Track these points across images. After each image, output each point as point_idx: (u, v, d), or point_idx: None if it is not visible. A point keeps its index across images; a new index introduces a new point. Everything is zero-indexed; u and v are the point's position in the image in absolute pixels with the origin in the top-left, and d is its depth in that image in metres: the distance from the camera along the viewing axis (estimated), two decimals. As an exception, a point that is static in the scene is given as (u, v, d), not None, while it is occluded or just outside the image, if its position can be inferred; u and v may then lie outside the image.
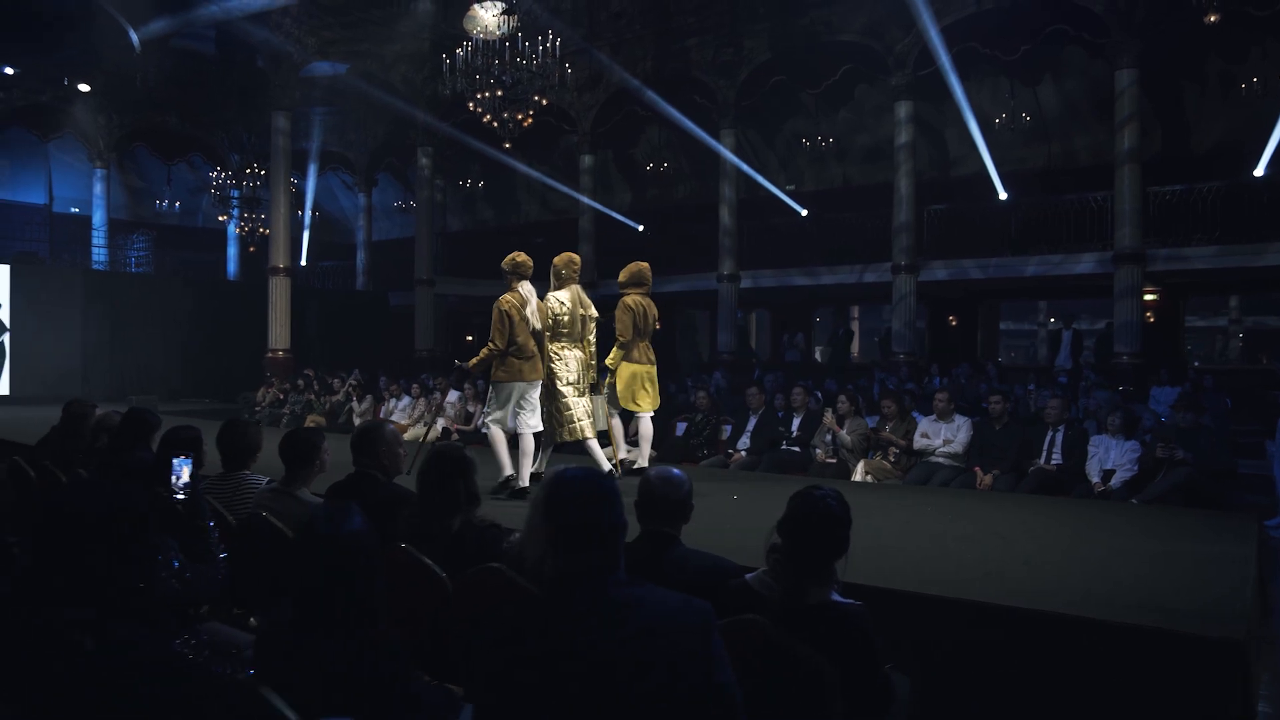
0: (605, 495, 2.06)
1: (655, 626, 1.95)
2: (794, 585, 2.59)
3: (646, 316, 7.21)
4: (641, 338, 7.20)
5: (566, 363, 6.82)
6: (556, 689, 1.94)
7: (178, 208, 24.77)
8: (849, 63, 16.79)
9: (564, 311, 6.82)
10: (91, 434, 5.45)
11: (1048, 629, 3.51)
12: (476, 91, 13.84)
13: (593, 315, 7.04)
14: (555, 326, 6.83)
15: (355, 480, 3.80)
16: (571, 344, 6.88)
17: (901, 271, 16.08)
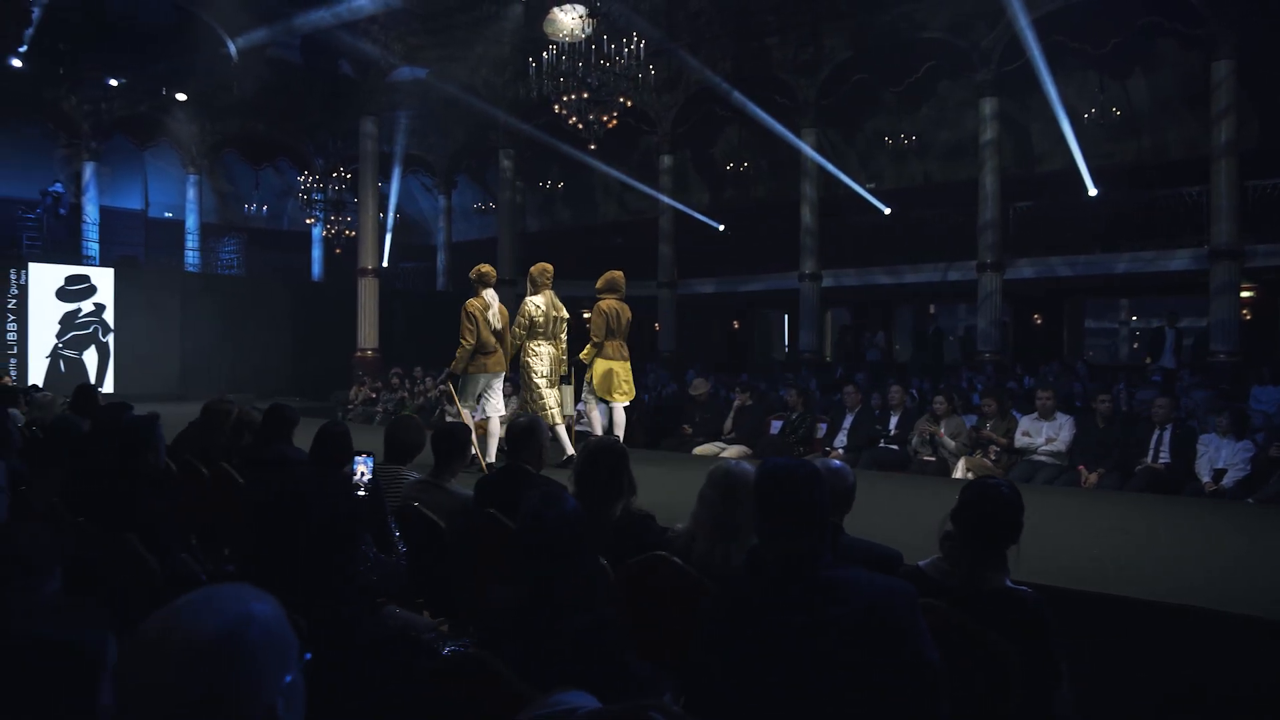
0: (815, 484, 2.17)
1: (866, 606, 2.05)
2: (970, 571, 2.67)
3: (619, 319, 8.14)
4: (614, 337, 8.10)
5: (541, 358, 7.81)
6: (773, 668, 2.05)
7: (265, 211, 25.53)
8: (932, 59, 16.63)
9: (539, 314, 7.79)
10: (233, 430, 5.69)
11: (1194, 624, 3.53)
12: (562, 94, 14.04)
13: (564, 317, 8.07)
14: (531, 326, 7.78)
15: (508, 473, 3.96)
16: (546, 341, 7.85)
17: (987, 269, 15.89)
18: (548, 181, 25.00)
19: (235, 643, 1.09)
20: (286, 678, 1.13)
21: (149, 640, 1.08)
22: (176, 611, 1.11)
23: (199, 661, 1.08)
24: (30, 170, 20.93)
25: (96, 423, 4.67)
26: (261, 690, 1.11)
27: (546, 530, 2.21)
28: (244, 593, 1.16)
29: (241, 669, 1.10)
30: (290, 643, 1.16)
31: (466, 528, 3.77)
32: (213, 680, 1.07)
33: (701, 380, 10.97)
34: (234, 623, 1.10)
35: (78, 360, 17.80)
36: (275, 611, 1.16)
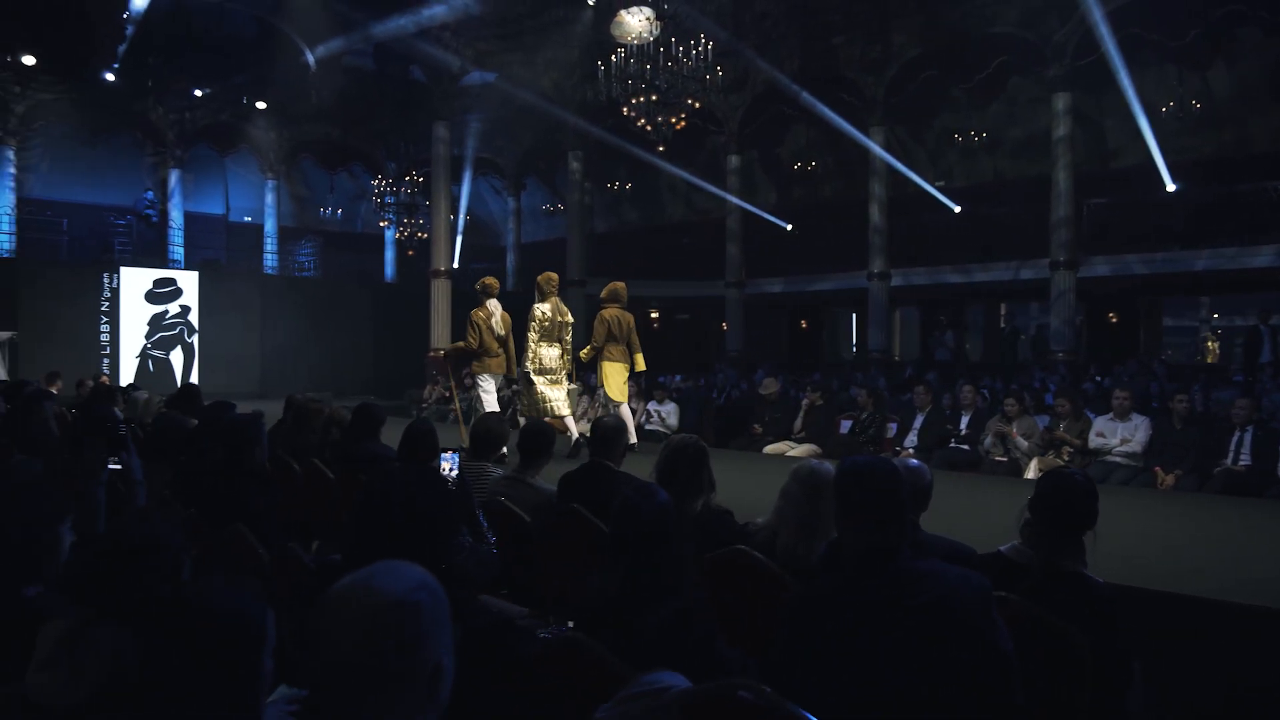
0: (895, 480, 2.28)
1: (944, 596, 2.15)
2: (1047, 556, 2.76)
3: (621, 325, 8.92)
4: (616, 342, 8.89)
5: (545, 359, 8.61)
6: (853, 657, 2.17)
7: (339, 214, 26.19)
8: (1003, 55, 16.46)
9: (545, 318, 8.60)
10: (323, 428, 5.95)
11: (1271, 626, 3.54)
12: (631, 97, 14.19)
13: (569, 321, 8.89)
14: (541, 329, 8.60)
15: (590, 469, 4.12)
16: (550, 343, 8.67)
17: (1060, 267, 15.66)
18: (615, 183, 25.22)
19: (415, 604, 1.29)
20: (443, 642, 1.31)
21: (346, 599, 1.27)
22: (367, 577, 1.30)
23: (389, 617, 1.29)
24: (120, 179, 21.81)
25: (202, 421, 4.95)
26: (434, 645, 1.29)
27: (641, 520, 2.35)
28: (415, 568, 1.34)
29: (420, 625, 1.32)
30: (447, 613, 1.34)
31: (550, 522, 3.93)
32: (398, 633, 1.27)
33: (771, 380, 11.03)
34: (414, 588, 1.30)
35: (165, 360, 18.53)
36: (438, 584, 1.34)
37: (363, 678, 1.29)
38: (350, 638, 1.28)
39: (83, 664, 1.66)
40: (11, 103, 18.38)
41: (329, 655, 1.29)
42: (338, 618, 1.30)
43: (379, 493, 2.62)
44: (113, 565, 1.81)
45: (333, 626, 1.30)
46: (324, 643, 1.30)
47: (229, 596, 1.44)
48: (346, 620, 1.30)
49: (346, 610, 1.30)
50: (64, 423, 8.07)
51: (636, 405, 11.70)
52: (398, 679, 1.31)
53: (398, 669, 1.30)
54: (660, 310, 25.93)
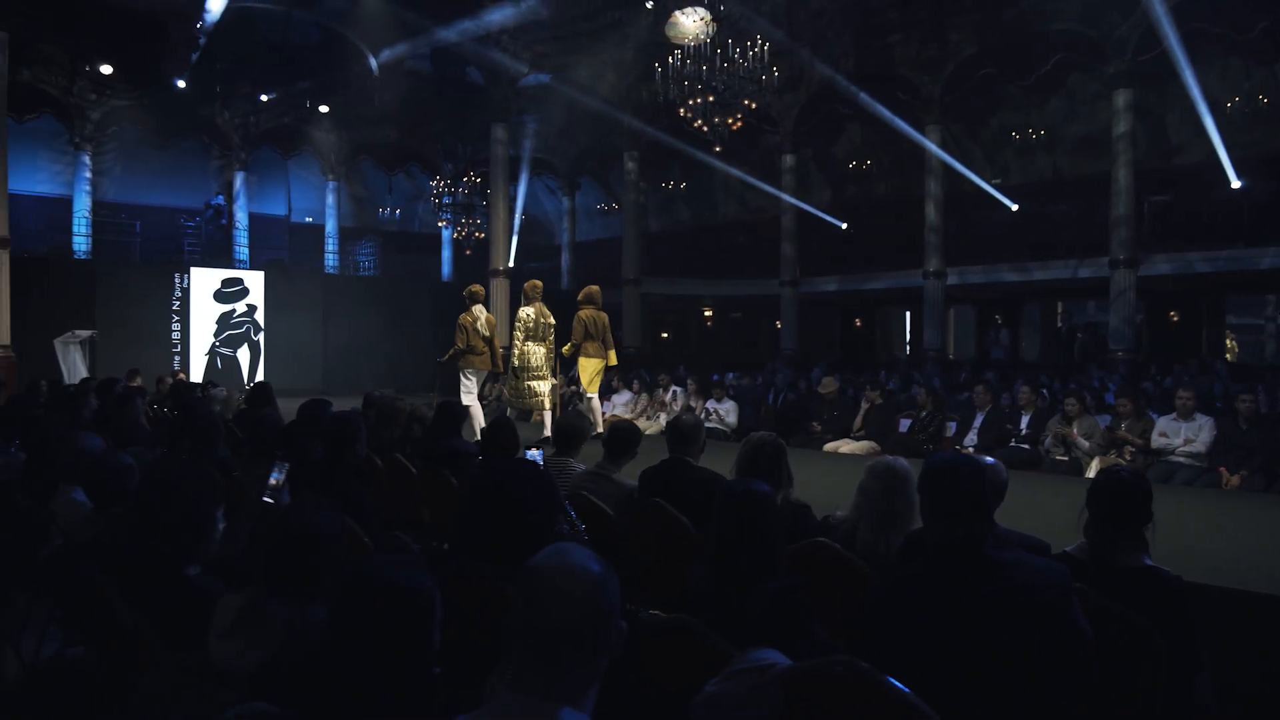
0: (980, 475, 2.43)
1: (1025, 584, 2.30)
2: (1105, 550, 2.90)
3: (596, 324, 10.09)
4: (592, 339, 10.03)
5: (530, 356, 9.63)
6: (940, 641, 2.32)
7: (397, 215, 26.70)
8: (1062, 52, 16.35)
9: (530, 320, 9.62)
10: (405, 424, 6.20)
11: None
12: (688, 98, 14.34)
13: (551, 323, 9.81)
14: (526, 330, 9.63)
15: (671, 465, 4.30)
16: (536, 343, 9.67)
17: (1120, 266, 15.51)
18: (669, 182, 25.39)
19: (607, 578, 1.49)
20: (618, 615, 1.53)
21: (550, 576, 1.49)
22: (561, 553, 1.52)
23: (589, 587, 1.53)
24: (189, 181, 22.49)
25: (301, 417, 5.21)
26: (617, 616, 1.50)
27: (744, 508, 2.53)
28: (588, 551, 1.56)
29: (610, 595, 1.53)
30: (619, 590, 1.55)
31: (633, 514, 4.12)
32: (596, 601, 1.47)
33: (830, 379, 11.14)
34: (602, 566, 1.50)
35: (232, 358, 19.07)
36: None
37: (565, 644, 1.51)
38: (575, 608, 1.51)
39: (259, 635, 1.88)
40: (88, 110, 19.05)
41: (537, 624, 1.51)
42: (563, 589, 1.52)
43: (491, 484, 2.82)
44: (289, 548, 2.03)
45: (539, 600, 1.52)
46: (530, 615, 1.52)
47: (404, 573, 1.65)
48: (552, 591, 1.51)
49: (551, 585, 1.52)
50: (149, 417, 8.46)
51: (696, 403, 11.87)
52: (593, 645, 1.53)
53: (593, 636, 1.52)
54: (713, 308, 26.07)
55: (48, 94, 18.41)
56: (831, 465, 8.88)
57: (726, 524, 2.56)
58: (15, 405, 8.37)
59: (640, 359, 19.76)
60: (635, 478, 4.46)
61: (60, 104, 18.73)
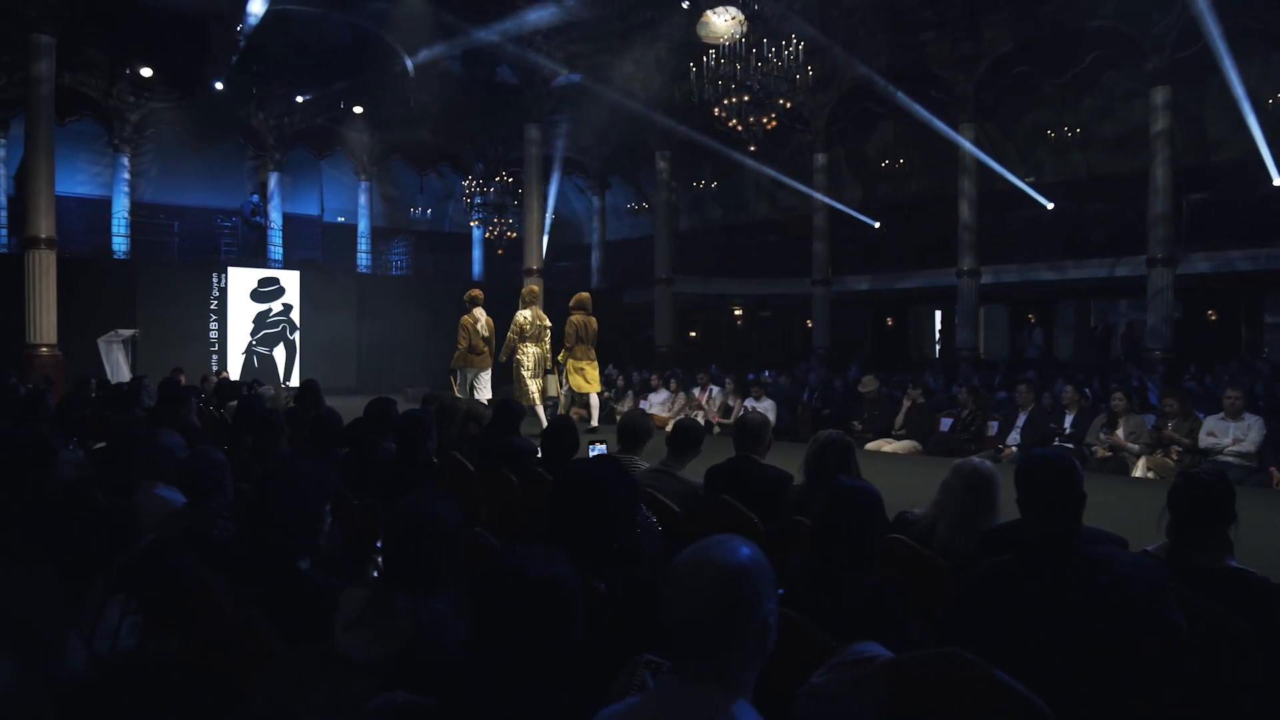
0: (1073, 472, 2.46)
1: (1120, 578, 2.32)
2: (1183, 550, 2.92)
3: (586, 329, 11.17)
4: (583, 343, 11.13)
5: (527, 356, 10.80)
6: (1033, 635, 2.35)
7: (429, 214, 26.87)
8: (1098, 49, 16.22)
9: (526, 323, 10.82)
10: (461, 422, 6.27)
11: None
12: (723, 98, 14.35)
13: (547, 325, 10.99)
14: (521, 333, 10.78)
15: (737, 463, 4.35)
16: (532, 344, 10.82)
17: (1158, 264, 15.39)
18: (701, 181, 25.41)
19: (749, 568, 1.54)
20: (771, 603, 1.56)
21: (697, 567, 1.54)
22: (706, 548, 1.58)
23: (731, 578, 1.57)
24: (224, 182, 22.74)
25: (369, 415, 5.29)
26: (764, 606, 1.54)
27: (852, 505, 2.57)
28: (739, 540, 1.60)
29: (754, 586, 1.57)
30: (773, 578, 1.59)
31: (699, 511, 4.17)
32: (738, 592, 1.53)
33: (870, 378, 11.14)
34: (748, 555, 1.55)
35: (268, 356, 19.28)
36: (762, 554, 1.59)
37: (712, 633, 1.56)
38: (703, 600, 1.56)
39: (388, 626, 1.94)
40: (127, 112, 19.29)
41: (684, 615, 1.57)
42: (691, 583, 1.58)
43: (574, 479, 2.89)
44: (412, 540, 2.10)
45: (687, 590, 1.58)
46: (679, 605, 1.58)
47: (548, 565, 1.70)
48: (699, 585, 1.58)
49: (699, 576, 1.59)
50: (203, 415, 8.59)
51: (734, 402, 11.91)
52: (740, 634, 1.57)
53: (741, 626, 1.57)
54: (743, 307, 26.06)
55: (88, 97, 18.67)
56: (874, 465, 8.88)
57: (829, 519, 2.60)
58: (70, 404, 8.54)
59: (671, 358, 19.80)
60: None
61: (100, 106, 18.99)
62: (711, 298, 24.01)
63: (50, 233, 14.27)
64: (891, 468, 8.73)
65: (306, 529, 2.46)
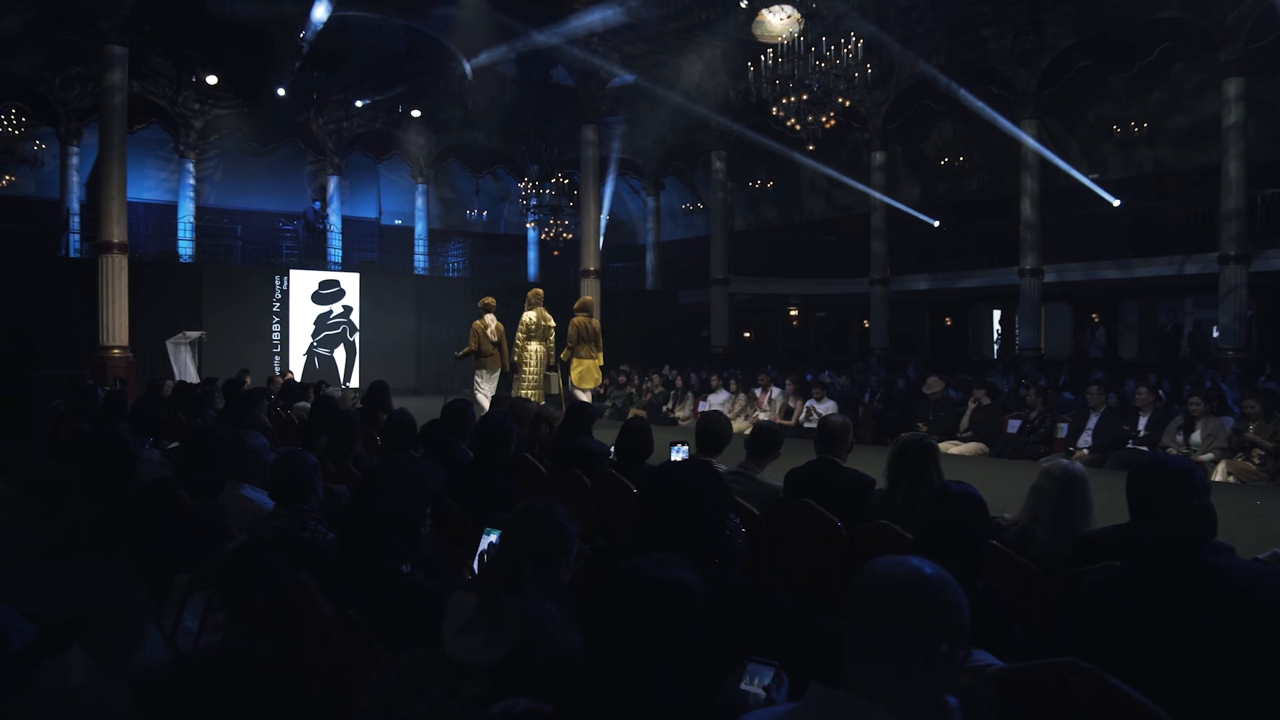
0: (1190, 477, 2.38)
1: (1248, 587, 2.24)
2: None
3: (588, 330, 11.95)
4: (585, 343, 11.86)
5: (530, 354, 11.63)
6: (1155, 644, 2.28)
7: (484, 216, 27.07)
8: (1167, 41, 15.82)
9: (531, 323, 11.66)
10: (532, 424, 6.30)
11: None
12: (781, 97, 14.25)
13: (551, 325, 11.79)
14: (527, 332, 11.60)
15: (818, 466, 4.30)
16: (536, 342, 11.63)
17: (1231, 262, 14.97)
18: (756, 181, 25.29)
19: (941, 586, 1.57)
20: (962, 638, 1.59)
21: (895, 582, 1.55)
22: (901, 561, 1.58)
23: (927, 589, 1.57)
24: (284, 186, 23.15)
25: (446, 417, 5.33)
26: (955, 636, 1.56)
27: (954, 509, 2.52)
28: (917, 560, 1.59)
29: (949, 610, 1.57)
30: (966, 613, 1.60)
31: (780, 513, 4.13)
32: (931, 612, 1.54)
33: (935, 378, 10.99)
34: (938, 573, 1.58)
35: (329, 358, 19.56)
36: (950, 574, 1.61)
37: (895, 645, 1.53)
38: (897, 616, 1.53)
39: (500, 630, 1.94)
40: (192, 119, 19.71)
41: (877, 630, 1.54)
42: (887, 598, 1.55)
43: (669, 481, 2.86)
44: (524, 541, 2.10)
45: (882, 606, 1.55)
46: (873, 619, 1.55)
47: (673, 570, 1.68)
48: (894, 601, 1.55)
49: (894, 592, 1.55)
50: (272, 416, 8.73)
51: (794, 403, 11.83)
52: (925, 656, 1.54)
53: (927, 646, 1.53)
54: (799, 307, 25.89)
55: (155, 104, 19.11)
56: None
57: (933, 524, 2.56)
58: (145, 404, 8.74)
59: (726, 359, 19.72)
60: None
61: (167, 114, 19.43)
62: (766, 298, 23.88)
63: (123, 238, 14.63)
64: (958, 470, 8.54)
65: (408, 531, 2.47)
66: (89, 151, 18.67)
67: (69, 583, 5.81)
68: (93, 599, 5.43)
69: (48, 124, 18.39)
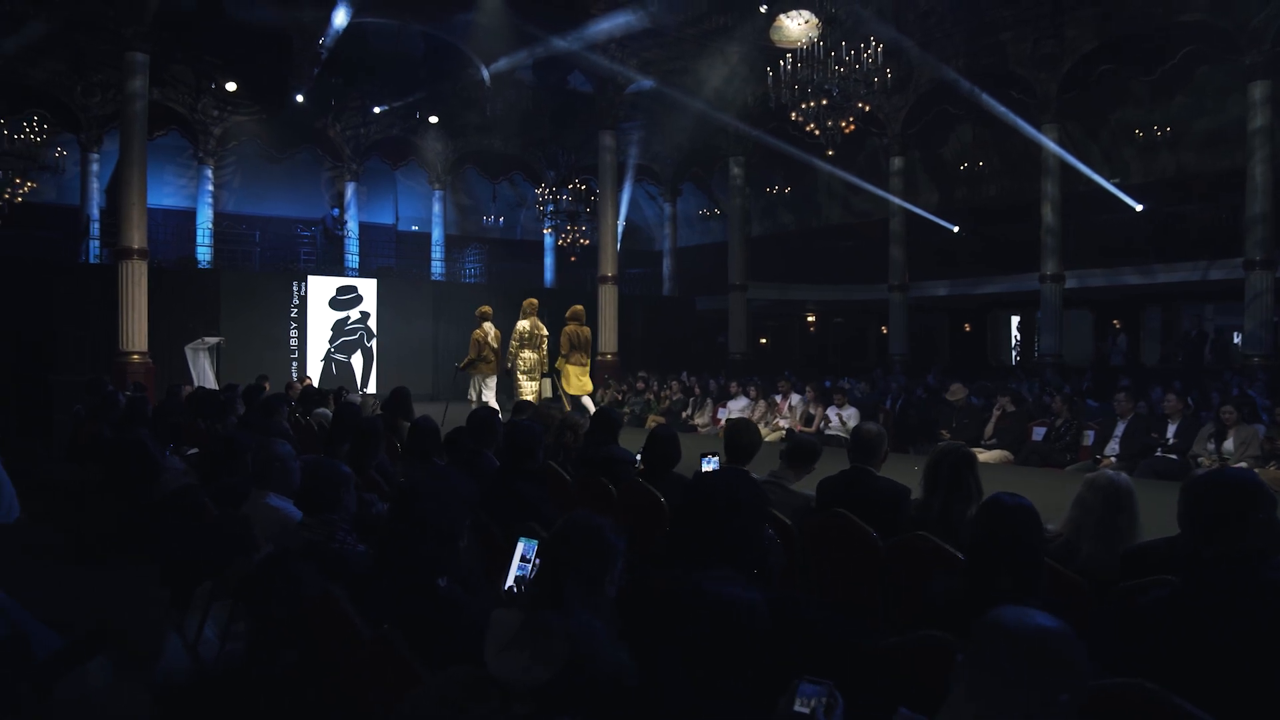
0: (1253, 491, 2.30)
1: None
2: None
3: (579, 338, 12.67)
4: (576, 351, 12.64)
5: (525, 361, 12.28)
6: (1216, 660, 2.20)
7: (500, 222, 27.07)
8: (1190, 44, 15.68)
9: (525, 332, 12.34)
10: (556, 432, 6.23)
11: None
12: (800, 102, 14.17)
13: (544, 334, 12.46)
14: (521, 340, 12.27)
15: (852, 475, 4.22)
16: (530, 350, 12.30)
17: (1256, 267, 14.79)
18: (773, 187, 25.20)
19: (1061, 636, 1.58)
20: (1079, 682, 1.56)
21: (1014, 629, 1.54)
22: (1026, 614, 1.61)
23: (1056, 644, 1.59)
24: (302, 193, 23.20)
25: (472, 424, 5.28)
26: (1074, 675, 1.56)
27: (1007, 522, 2.44)
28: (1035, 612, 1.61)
29: (1064, 655, 1.58)
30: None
31: (814, 522, 4.05)
32: (1051, 660, 1.52)
33: (959, 385, 10.88)
34: (1056, 624, 1.59)
35: (346, 364, 19.55)
36: (1069, 628, 1.60)
37: (1028, 699, 1.55)
38: (1026, 670, 1.56)
39: (546, 647, 1.87)
40: (211, 126, 19.79)
41: (1004, 680, 1.56)
42: (1015, 653, 1.57)
43: (707, 491, 2.79)
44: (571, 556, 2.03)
45: (1011, 660, 1.57)
46: (999, 671, 1.57)
47: (737, 589, 1.61)
48: (1024, 655, 1.57)
49: (1022, 646, 1.57)
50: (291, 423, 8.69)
51: (815, 410, 11.72)
52: (1048, 702, 1.56)
53: (1053, 695, 1.56)
54: (816, 314, 25.76)
55: (175, 111, 19.19)
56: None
57: (985, 537, 2.48)
58: (165, 410, 8.72)
59: (745, 365, 19.63)
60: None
61: (186, 121, 19.50)
62: (783, 304, 23.78)
63: (143, 244, 14.66)
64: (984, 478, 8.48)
65: (448, 542, 2.40)
66: (109, 158, 18.76)
67: (89, 588, 5.77)
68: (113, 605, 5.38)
69: (69, 131, 18.48)
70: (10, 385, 14.17)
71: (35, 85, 17.59)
